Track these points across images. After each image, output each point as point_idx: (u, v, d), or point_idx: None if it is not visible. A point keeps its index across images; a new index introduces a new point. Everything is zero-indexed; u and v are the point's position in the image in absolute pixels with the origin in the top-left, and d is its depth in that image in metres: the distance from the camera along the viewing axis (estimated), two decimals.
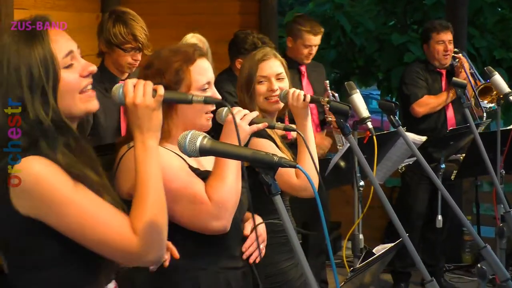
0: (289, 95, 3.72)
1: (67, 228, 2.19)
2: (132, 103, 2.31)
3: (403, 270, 6.84)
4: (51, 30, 2.27)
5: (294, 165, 2.21)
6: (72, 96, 2.27)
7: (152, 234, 2.22)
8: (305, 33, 6.22)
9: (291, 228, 2.27)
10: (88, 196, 2.20)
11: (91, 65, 2.34)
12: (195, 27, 6.54)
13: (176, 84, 2.93)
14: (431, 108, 6.52)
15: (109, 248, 2.22)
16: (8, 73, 2.21)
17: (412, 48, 9.86)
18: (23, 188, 2.16)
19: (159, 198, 2.27)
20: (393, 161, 5.17)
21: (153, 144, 2.30)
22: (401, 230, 3.13)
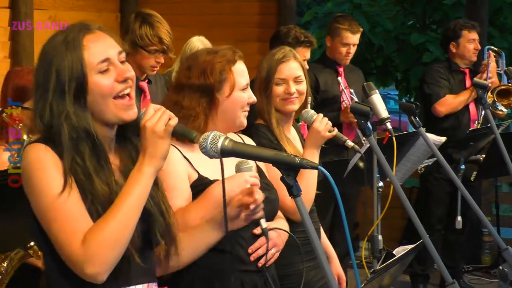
0: (317, 120, 3.66)
1: (36, 213, 2.27)
2: (143, 125, 2.32)
3: (422, 272, 6.81)
4: (89, 35, 2.34)
5: (316, 166, 2.20)
6: (105, 101, 2.32)
7: (98, 250, 2.20)
8: (343, 31, 6.22)
9: (313, 229, 2.26)
10: (67, 196, 2.23)
11: (129, 71, 2.37)
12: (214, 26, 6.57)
13: (220, 84, 3.05)
14: (452, 107, 6.49)
15: (57, 247, 2.25)
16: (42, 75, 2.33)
17: (431, 48, 9.80)
18: (23, 169, 2.29)
19: (126, 222, 2.25)
20: (412, 161, 5.15)
21: (149, 171, 2.30)
22: (422, 231, 3.11)
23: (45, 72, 2.31)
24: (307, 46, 5.80)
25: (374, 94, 3.69)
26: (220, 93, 3.06)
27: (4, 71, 6.27)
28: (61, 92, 2.29)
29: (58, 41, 2.33)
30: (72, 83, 2.28)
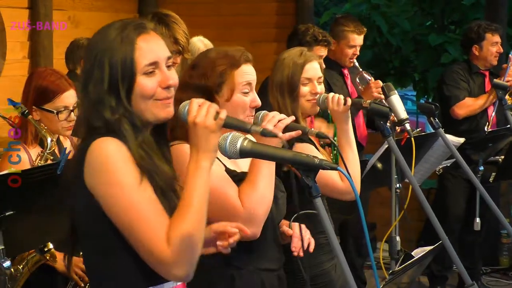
0: (329, 100, 3.70)
1: (113, 212, 2.24)
2: (193, 122, 2.31)
3: (440, 273, 6.79)
4: (142, 36, 2.35)
5: (335, 167, 2.20)
6: (145, 102, 2.33)
7: (184, 249, 2.22)
8: (349, 33, 6.18)
9: (331, 229, 2.27)
10: (145, 195, 2.25)
11: (173, 79, 2.38)
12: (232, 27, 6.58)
13: (220, 86, 2.98)
14: (471, 110, 6.46)
15: (141, 248, 2.24)
16: (94, 70, 2.33)
17: (450, 48, 9.76)
18: (92, 164, 2.25)
19: (199, 217, 2.26)
20: (431, 163, 5.13)
21: (206, 165, 2.29)
22: (441, 233, 3.11)
23: (99, 66, 2.32)
24: (325, 45, 5.79)
25: (393, 95, 3.69)
26: (220, 95, 3.00)
27: (23, 71, 6.34)
28: (116, 88, 2.31)
29: (111, 36, 2.34)
30: (125, 80, 2.31)
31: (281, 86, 3.76)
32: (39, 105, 3.85)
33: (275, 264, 3.10)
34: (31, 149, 3.84)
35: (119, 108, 2.30)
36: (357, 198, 2.24)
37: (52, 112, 3.82)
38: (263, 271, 3.03)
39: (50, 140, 3.75)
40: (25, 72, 6.31)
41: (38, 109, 3.86)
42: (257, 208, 2.86)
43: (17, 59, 6.35)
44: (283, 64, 3.80)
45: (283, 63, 3.80)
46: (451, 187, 6.64)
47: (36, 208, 3.23)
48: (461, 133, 5.75)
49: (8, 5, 6.24)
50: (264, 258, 3.04)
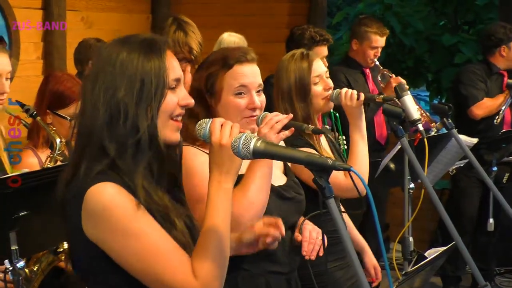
0: (342, 95, 3.70)
1: (126, 262, 2.15)
2: (219, 143, 2.25)
3: (453, 274, 6.78)
4: (169, 51, 2.29)
5: (348, 168, 2.19)
6: (165, 119, 2.25)
7: (212, 278, 2.17)
8: (372, 35, 6.20)
9: (345, 229, 2.26)
10: (154, 232, 2.15)
11: (190, 99, 2.32)
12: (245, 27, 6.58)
13: (211, 88, 2.97)
14: (490, 111, 6.44)
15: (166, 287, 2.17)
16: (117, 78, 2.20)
17: (463, 49, 9.74)
18: (91, 214, 2.13)
19: (223, 241, 2.21)
20: (444, 163, 5.12)
21: (229, 187, 2.25)
22: (454, 233, 3.10)
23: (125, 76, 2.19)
24: (324, 44, 5.80)
25: (406, 95, 3.69)
26: (211, 97, 2.97)
27: (37, 72, 6.37)
28: (147, 100, 2.19)
29: (136, 46, 2.23)
30: (158, 92, 2.21)
31: (289, 92, 3.72)
32: (53, 109, 3.86)
33: (284, 267, 3.07)
34: (41, 153, 3.85)
35: (147, 123, 2.19)
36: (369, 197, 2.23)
37: (66, 119, 3.83)
38: (270, 274, 3.01)
39: (59, 141, 3.76)
40: (38, 73, 6.33)
41: (51, 113, 3.86)
42: (243, 213, 2.79)
43: (30, 60, 6.39)
44: (287, 70, 3.76)
45: (287, 69, 3.77)
46: (465, 187, 6.63)
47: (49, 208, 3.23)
48: (475, 132, 5.73)
49: (22, 5, 6.27)
50: (271, 260, 3.02)
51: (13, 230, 3.12)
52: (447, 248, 3.46)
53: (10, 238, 3.13)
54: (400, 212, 4.71)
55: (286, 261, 3.09)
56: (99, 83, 2.21)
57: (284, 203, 3.08)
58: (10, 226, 3.11)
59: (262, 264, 2.98)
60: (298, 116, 3.65)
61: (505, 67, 6.58)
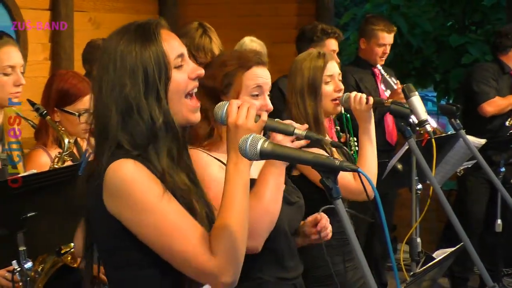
0: (351, 99, 3.71)
1: (145, 236, 2.17)
2: (234, 124, 2.28)
3: (461, 275, 6.76)
4: (163, 30, 2.28)
5: (355, 169, 2.19)
6: (178, 100, 2.26)
7: (230, 257, 2.18)
8: (379, 32, 6.25)
9: (352, 230, 2.26)
10: (173, 208, 2.17)
11: (200, 69, 2.33)
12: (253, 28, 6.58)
13: (226, 88, 2.94)
14: (501, 109, 6.44)
15: (184, 264, 2.18)
16: (120, 74, 2.21)
17: (471, 49, 9.71)
18: (112, 188, 2.17)
19: (242, 222, 2.22)
20: (452, 164, 5.11)
21: (245, 169, 2.26)
22: (463, 234, 3.09)
23: (127, 69, 2.20)
24: (336, 38, 5.82)
25: (414, 96, 3.68)
26: (227, 97, 2.91)
27: (44, 73, 6.37)
28: (154, 88, 2.21)
29: (133, 35, 2.24)
30: (162, 77, 2.22)
31: (302, 90, 3.74)
32: (60, 107, 3.88)
33: (292, 273, 3.07)
34: (51, 151, 3.86)
35: (160, 111, 2.21)
36: (377, 199, 2.22)
37: (74, 114, 3.85)
38: (280, 281, 3.01)
39: (67, 141, 3.76)
40: (46, 74, 6.34)
41: (59, 111, 3.88)
42: (259, 222, 2.78)
43: (38, 61, 6.40)
44: (302, 68, 3.78)
45: (302, 67, 3.78)
46: (472, 188, 6.61)
47: (57, 209, 3.25)
48: (483, 133, 5.72)
49: (29, 6, 6.28)
50: (281, 266, 3.02)
51: (21, 231, 3.13)
52: (455, 249, 3.45)
53: (18, 238, 3.14)
54: (407, 213, 4.70)
55: (293, 267, 3.08)
56: (104, 82, 2.23)
57: (290, 207, 3.09)
58: (18, 227, 3.12)
59: (272, 271, 2.98)
60: (309, 115, 3.67)
61: None
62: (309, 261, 3.48)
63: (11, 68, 3.61)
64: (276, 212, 2.85)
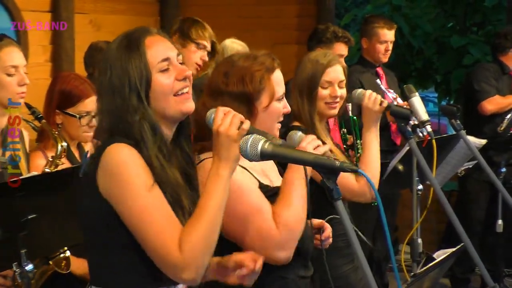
0: (366, 96, 3.71)
1: (125, 217, 2.31)
2: (217, 130, 2.36)
3: (462, 276, 6.76)
4: (149, 38, 2.43)
5: (356, 170, 2.20)
6: (166, 98, 2.41)
7: (194, 255, 2.28)
8: (379, 29, 6.29)
9: (353, 232, 2.26)
10: (156, 199, 2.31)
11: (187, 70, 2.47)
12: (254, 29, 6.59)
13: (259, 93, 2.91)
14: (500, 108, 6.44)
15: (152, 251, 2.31)
16: (112, 79, 2.39)
17: (472, 50, 9.72)
18: (106, 168, 2.32)
19: (213, 224, 2.31)
20: (452, 165, 5.10)
21: (226, 174, 2.34)
22: (463, 235, 3.10)
23: (116, 74, 2.38)
24: (345, 42, 5.84)
25: (414, 96, 3.68)
26: (258, 102, 2.91)
27: (45, 75, 6.37)
28: (135, 90, 2.37)
29: (122, 45, 2.42)
30: (143, 83, 2.37)
31: (301, 86, 3.76)
32: (62, 108, 3.88)
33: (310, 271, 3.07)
34: (51, 154, 3.85)
35: (139, 108, 2.36)
36: (378, 200, 2.23)
37: (75, 117, 3.84)
38: (302, 279, 3.00)
39: (60, 146, 3.75)
40: (47, 76, 6.34)
41: (61, 113, 3.88)
42: (292, 231, 2.79)
43: (39, 63, 6.39)
44: (306, 64, 3.80)
45: (306, 63, 3.80)
46: (473, 189, 6.61)
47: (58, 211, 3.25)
48: (484, 133, 5.72)
49: (30, 8, 6.28)
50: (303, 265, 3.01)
51: (21, 233, 3.13)
52: (456, 249, 3.45)
53: (19, 241, 3.14)
54: (409, 213, 4.69)
55: (310, 264, 3.09)
56: (102, 85, 2.43)
57: None
58: (19, 229, 3.12)
59: (296, 270, 2.96)
60: (305, 112, 3.69)
61: None
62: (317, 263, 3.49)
63: (14, 68, 3.62)
64: (305, 219, 2.84)
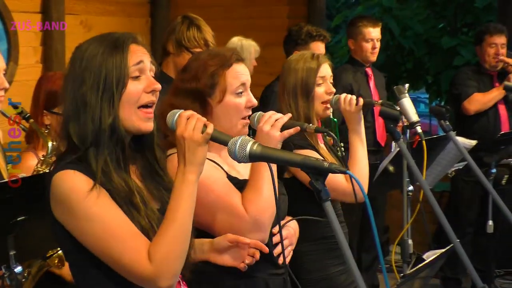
0: (341, 100, 3.72)
1: (86, 243, 2.29)
2: (181, 135, 2.36)
3: (453, 276, 6.77)
4: (134, 45, 2.40)
5: (344, 171, 2.19)
6: (130, 108, 2.37)
7: (166, 264, 2.27)
8: (363, 28, 6.31)
9: (341, 234, 2.26)
10: (112, 216, 2.28)
11: (157, 84, 2.42)
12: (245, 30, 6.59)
13: (211, 88, 2.92)
14: (482, 104, 6.47)
15: (122, 269, 2.29)
16: (83, 71, 2.35)
17: (463, 51, 9.74)
18: (55, 197, 2.31)
19: (183, 230, 2.30)
20: (443, 165, 5.12)
21: (192, 178, 2.33)
22: (452, 236, 3.10)
23: (92, 71, 2.34)
24: (321, 40, 5.82)
25: (404, 97, 3.69)
26: (212, 98, 2.92)
27: (36, 76, 6.32)
28: (109, 92, 2.33)
29: (105, 43, 2.38)
30: (119, 83, 2.34)
31: (294, 90, 3.74)
32: (49, 108, 3.87)
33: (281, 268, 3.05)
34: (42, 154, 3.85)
35: (110, 114, 2.33)
36: (366, 201, 2.23)
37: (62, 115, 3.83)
38: (271, 276, 3.00)
39: (50, 145, 3.75)
40: (37, 77, 6.28)
41: (48, 114, 3.87)
42: (263, 213, 2.82)
43: (30, 64, 6.37)
44: (295, 68, 3.78)
45: (296, 67, 3.78)
46: (464, 189, 6.63)
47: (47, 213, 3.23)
48: (474, 134, 5.74)
49: (21, 9, 6.26)
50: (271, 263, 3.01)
51: (10, 235, 3.12)
52: (445, 250, 3.46)
53: (8, 243, 3.13)
54: (399, 214, 4.70)
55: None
56: (69, 77, 2.39)
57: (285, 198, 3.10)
58: (8, 231, 3.11)
59: (266, 267, 2.97)
60: (300, 115, 3.67)
61: (488, 67, 6.61)
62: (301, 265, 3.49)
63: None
64: (274, 203, 2.83)
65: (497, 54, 6.52)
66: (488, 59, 6.55)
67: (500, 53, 6.51)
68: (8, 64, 6.04)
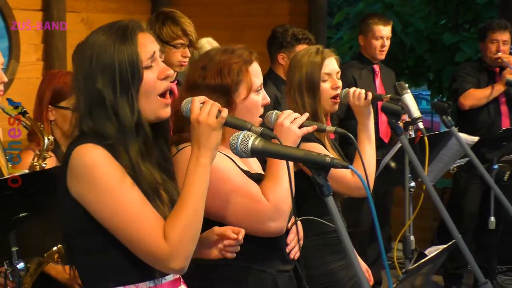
0: (350, 94, 3.71)
1: (102, 217, 2.28)
2: (196, 120, 2.36)
3: (455, 272, 6.77)
4: (140, 33, 2.39)
5: (346, 165, 2.19)
6: (148, 98, 2.38)
7: (181, 244, 2.28)
8: (374, 25, 6.35)
9: (344, 228, 2.26)
10: (133, 194, 2.28)
11: (169, 69, 2.43)
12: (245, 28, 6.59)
13: (237, 85, 2.91)
14: (476, 99, 6.45)
15: (137, 247, 2.29)
16: (95, 67, 2.33)
17: (464, 47, 9.75)
18: (75, 170, 2.28)
19: (197, 213, 2.31)
20: (445, 162, 5.11)
21: (206, 162, 2.35)
22: (454, 232, 3.10)
23: (104, 68, 2.32)
24: (307, 43, 5.78)
25: (406, 93, 3.69)
26: (236, 94, 2.91)
27: (37, 74, 6.36)
28: (126, 88, 2.33)
29: (112, 37, 2.35)
30: (135, 77, 2.33)
31: (300, 86, 3.73)
32: (55, 103, 3.87)
33: (289, 265, 3.06)
34: None
35: (133, 111, 2.32)
36: (368, 196, 2.23)
37: (68, 109, 3.83)
38: (280, 273, 3.00)
39: (47, 140, 3.74)
40: (39, 75, 6.32)
41: (54, 108, 3.87)
42: (283, 202, 2.81)
43: (31, 62, 6.38)
44: (300, 64, 3.77)
45: (300, 62, 3.77)
46: (466, 186, 6.62)
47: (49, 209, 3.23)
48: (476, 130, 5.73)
49: (21, 7, 6.26)
50: (282, 259, 3.01)
51: (12, 231, 3.12)
52: (447, 246, 3.46)
53: (10, 239, 3.13)
54: (401, 211, 4.70)
55: (290, 259, 3.08)
56: (80, 73, 2.36)
57: None
58: (10, 227, 3.11)
59: (275, 263, 2.97)
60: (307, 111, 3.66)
61: (490, 63, 6.59)
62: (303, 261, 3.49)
63: None
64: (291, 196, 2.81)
65: (497, 51, 6.50)
66: (489, 55, 6.54)
67: (501, 49, 6.49)
68: (9, 62, 6.05)
